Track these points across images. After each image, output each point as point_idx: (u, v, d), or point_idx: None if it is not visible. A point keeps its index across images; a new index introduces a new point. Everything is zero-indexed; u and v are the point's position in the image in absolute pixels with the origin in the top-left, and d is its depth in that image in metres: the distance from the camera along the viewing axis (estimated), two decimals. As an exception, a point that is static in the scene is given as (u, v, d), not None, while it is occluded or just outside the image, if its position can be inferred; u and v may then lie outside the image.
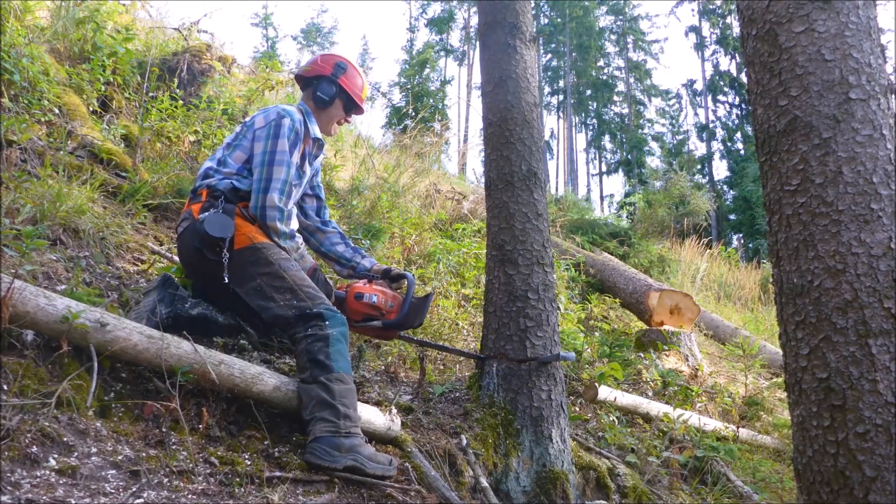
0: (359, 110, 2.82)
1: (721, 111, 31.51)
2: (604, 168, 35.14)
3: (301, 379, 2.16)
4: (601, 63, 35.16)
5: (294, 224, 2.63)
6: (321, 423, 2.05)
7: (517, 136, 3.06)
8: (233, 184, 2.46)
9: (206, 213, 2.35)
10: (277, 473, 1.92)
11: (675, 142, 33.16)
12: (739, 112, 30.56)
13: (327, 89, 2.68)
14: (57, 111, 3.63)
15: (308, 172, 2.74)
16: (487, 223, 3.10)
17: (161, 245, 3.38)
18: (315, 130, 2.70)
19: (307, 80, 2.76)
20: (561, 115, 35.62)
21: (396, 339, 2.89)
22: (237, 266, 2.34)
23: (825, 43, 1.92)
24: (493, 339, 2.87)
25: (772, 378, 5.61)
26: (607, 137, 34.92)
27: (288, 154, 2.49)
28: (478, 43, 3.50)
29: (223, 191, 2.43)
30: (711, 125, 31.43)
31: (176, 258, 3.22)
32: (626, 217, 15.04)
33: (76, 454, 1.63)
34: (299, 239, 2.61)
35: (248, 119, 2.65)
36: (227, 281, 2.31)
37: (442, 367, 3.56)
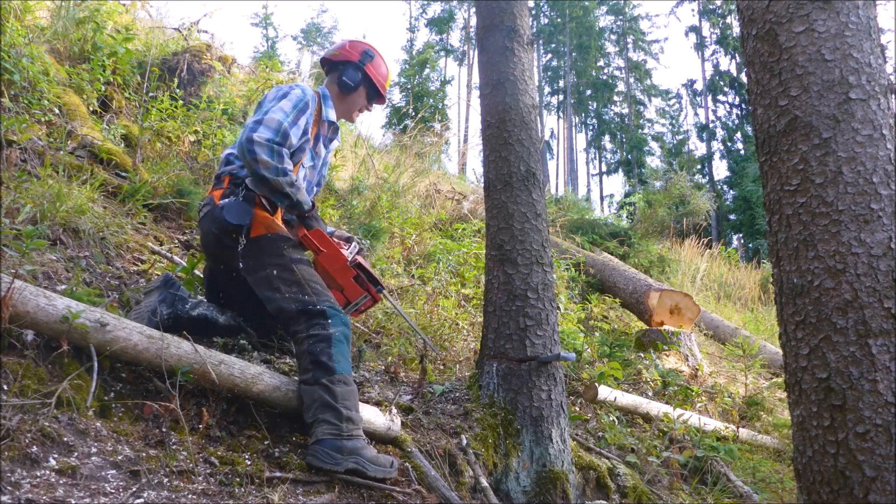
0: (381, 99, 2.82)
1: (721, 111, 31.48)
2: (604, 168, 35.12)
3: (303, 380, 2.15)
4: (601, 63, 35.13)
5: (289, 165, 2.37)
6: (324, 425, 2.05)
7: (515, 138, 3.06)
8: None
9: (226, 200, 2.39)
10: (277, 473, 1.93)
11: (675, 142, 33.11)
12: (739, 112, 30.52)
13: (353, 75, 2.68)
14: (57, 111, 3.63)
15: (322, 154, 2.72)
16: (487, 223, 3.10)
17: (161, 245, 3.38)
18: (330, 114, 2.67)
19: (333, 65, 2.75)
20: (561, 115, 35.61)
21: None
22: (252, 254, 2.36)
23: (825, 43, 1.92)
24: (492, 339, 2.87)
25: (772, 378, 5.60)
26: (607, 137, 34.89)
27: (290, 111, 2.39)
28: (476, 45, 3.50)
29: (244, 178, 2.44)
30: (711, 125, 31.40)
31: (176, 258, 3.23)
32: (626, 217, 15.03)
33: (76, 454, 1.63)
34: (295, 179, 2.39)
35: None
36: (241, 267, 2.33)
37: (442, 367, 3.56)
